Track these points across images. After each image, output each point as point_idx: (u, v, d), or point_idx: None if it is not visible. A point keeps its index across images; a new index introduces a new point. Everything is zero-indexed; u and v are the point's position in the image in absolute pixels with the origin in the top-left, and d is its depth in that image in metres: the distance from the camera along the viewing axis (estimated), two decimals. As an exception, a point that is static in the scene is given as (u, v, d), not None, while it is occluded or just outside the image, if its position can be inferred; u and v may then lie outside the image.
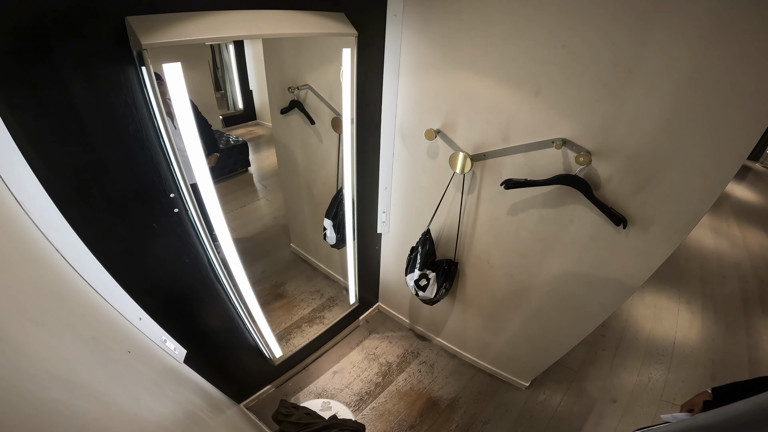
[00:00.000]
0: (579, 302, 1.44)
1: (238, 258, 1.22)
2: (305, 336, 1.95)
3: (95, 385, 0.54)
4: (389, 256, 2.11)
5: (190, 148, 0.92)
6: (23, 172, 0.67)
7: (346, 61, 1.25)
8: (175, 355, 1.09)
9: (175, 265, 1.10)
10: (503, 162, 1.34)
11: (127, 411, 0.60)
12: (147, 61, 0.75)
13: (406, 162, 1.68)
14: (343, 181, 1.60)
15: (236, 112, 2.02)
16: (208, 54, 1.68)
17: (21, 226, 0.60)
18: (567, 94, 1.10)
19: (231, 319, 1.40)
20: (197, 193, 1.01)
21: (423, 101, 1.46)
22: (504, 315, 1.74)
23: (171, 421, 0.73)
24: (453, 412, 1.86)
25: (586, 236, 1.28)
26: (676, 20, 0.87)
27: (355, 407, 1.84)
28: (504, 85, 1.21)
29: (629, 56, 0.96)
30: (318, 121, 1.66)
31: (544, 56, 1.09)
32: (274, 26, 0.98)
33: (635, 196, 1.12)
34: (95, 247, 0.82)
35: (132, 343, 0.84)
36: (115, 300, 0.85)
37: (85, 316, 0.68)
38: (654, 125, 1.00)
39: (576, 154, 1.12)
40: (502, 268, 1.59)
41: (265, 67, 1.72)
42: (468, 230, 1.62)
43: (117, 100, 0.80)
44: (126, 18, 0.74)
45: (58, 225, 0.74)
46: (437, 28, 1.28)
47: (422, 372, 2.05)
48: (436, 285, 1.66)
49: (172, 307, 1.15)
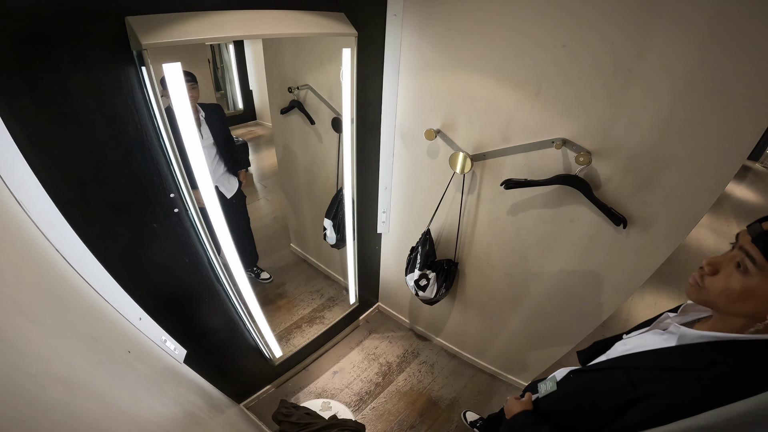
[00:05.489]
0: (579, 302, 1.44)
1: (238, 258, 1.22)
2: (305, 336, 1.95)
3: (95, 385, 0.54)
4: (389, 256, 2.11)
5: (191, 151, 0.92)
6: (23, 172, 0.67)
7: (346, 61, 1.25)
8: (175, 355, 1.09)
9: (175, 265, 1.10)
10: (503, 162, 1.34)
11: (127, 411, 0.60)
12: (147, 61, 0.75)
13: (406, 162, 1.68)
14: (343, 181, 1.60)
15: (236, 112, 2.02)
16: (208, 54, 1.68)
17: (21, 226, 0.60)
18: (567, 94, 1.10)
19: (231, 319, 1.40)
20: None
21: (423, 101, 1.46)
22: (504, 315, 1.74)
23: (171, 421, 0.73)
24: (453, 412, 1.86)
25: (586, 236, 1.28)
26: (676, 20, 0.87)
27: (355, 407, 1.84)
28: (504, 84, 1.21)
29: (629, 56, 0.96)
30: (318, 121, 1.66)
31: (545, 56, 1.09)
32: (274, 26, 0.98)
33: (635, 196, 1.12)
34: (95, 247, 0.82)
35: (132, 343, 0.84)
36: (115, 300, 0.85)
37: (85, 316, 0.68)
38: (654, 125, 1.00)
39: (576, 154, 1.12)
40: (502, 268, 1.59)
41: (265, 67, 1.72)
42: (468, 230, 1.62)
43: (117, 100, 0.80)
44: (126, 18, 0.74)
45: (58, 225, 0.74)
46: (437, 28, 1.28)
47: (422, 372, 2.05)
48: (436, 285, 1.66)
49: (172, 307, 1.15)
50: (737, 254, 0.57)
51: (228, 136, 1.74)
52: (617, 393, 0.66)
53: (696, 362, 0.59)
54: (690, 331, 0.64)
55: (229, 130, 1.75)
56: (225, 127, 1.70)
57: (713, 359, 0.58)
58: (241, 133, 2.09)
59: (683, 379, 0.59)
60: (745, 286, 0.56)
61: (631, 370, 0.68)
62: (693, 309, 0.70)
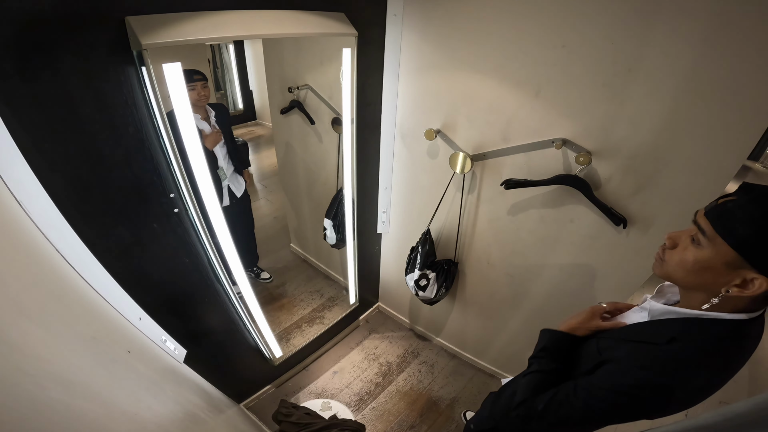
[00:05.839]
0: (579, 302, 1.44)
1: (238, 258, 1.22)
2: (305, 336, 1.95)
3: (95, 385, 0.54)
4: (389, 256, 2.11)
5: (190, 150, 0.92)
6: (23, 172, 0.67)
7: (346, 61, 1.25)
8: (175, 355, 1.09)
9: (175, 265, 1.10)
10: (503, 162, 1.34)
11: (127, 411, 0.60)
12: (147, 61, 0.75)
13: (406, 162, 1.68)
14: (343, 181, 1.60)
15: (236, 112, 2.02)
16: (208, 54, 1.68)
17: (21, 226, 0.60)
18: (567, 94, 1.10)
19: (231, 319, 1.40)
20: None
21: (423, 101, 1.46)
22: (504, 315, 1.74)
23: (171, 421, 0.73)
24: (453, 412, 1.86)
25: (586, 236, 1.28)
26: (676, 20, 0.87)
27: (355, 407, 1.84)
28: (504, 84, 1.21)
29: (629, 56, 0.96)
30: (318, 121, 1.66)
31: (545, 56, 1.09)
32: (274, 26, 0.98)
33: (635, 196, 1.12)
34: (95, 247, 0.82)
35: (132, 343, 0.84)
36: (115, 300, 0.85)
37: (85, 316, 0.68)
38: (654, 125, 1.00)
39: (576, 154, 1.12)
40: (502, 268, 1.59)
41: (265, 67, 1.72)
42: (468, 230, 1.62)
43: (117, 101, 0.80)
44: (126, 18, 0.74)
45: (58, 225, 0.74)
46: (437, 27, 1.28)
47: (422, 372, 2.05)
48: (436, 285, 1.66)
49: (172, 307, 1.15)
50: (693, 228, 0.60)
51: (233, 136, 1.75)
52: (588, 359, 0.72)
53: (657, 337, 0.63)
54: (657, 306, 0.67)
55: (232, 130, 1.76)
56: (230, 127, 1.71)
57: (672, 336, 0.60)
58: (241, 133, 2.08)
59: (643, 350, 0.63)
60: (697, 258, 0.57)
61: (600, 339, 0.74)
62: (669, 290, 0.72)
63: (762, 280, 0.51)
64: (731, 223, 0.53)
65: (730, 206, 0.54)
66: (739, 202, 0.54)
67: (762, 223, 0.50)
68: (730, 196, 0.57)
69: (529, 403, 0.74)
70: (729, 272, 0.54)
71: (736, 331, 0.57)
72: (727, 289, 0.55)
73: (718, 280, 0.56)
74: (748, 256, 0.52)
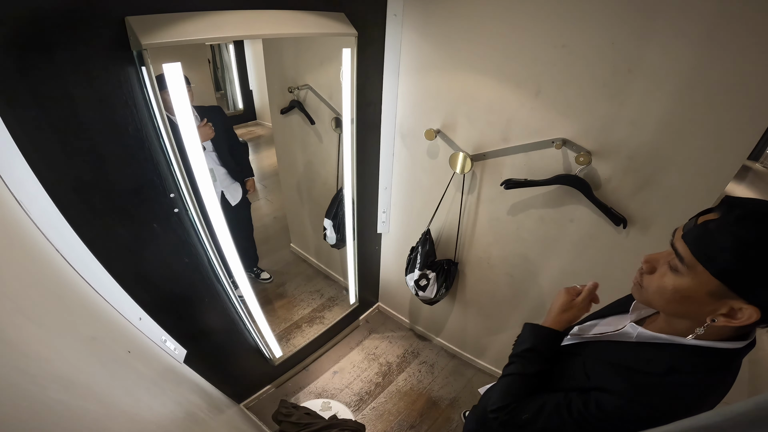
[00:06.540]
0: (579, 302, 1.44)
1: (238, 258, 1.22)
2: (305, 336, 1.95)
3: (95, 385, 0.54)
4: (389, 256, 2.11)
5: (190, 149, 0.92)
6: (23, 172, 0.67)
7: (346, 61, 1.25)
8: (175, 355, 1.09)
9: (175, 265, 1.10)
10: (503, 162, 1.34)
11: (127, 411, 0.60)
12: (147, 61, 0.76)
13: (406, 162, 1.68)
14: (343, 181, 1.60)
15: (236, 112, 2.02)
16: (208, 54, 1.68)
17: (21, 226, 0.60)
18: (567, 94, 1.10)
19: (231, 319, 1.40)
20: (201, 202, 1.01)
21: (423, 101, 1.46)
22: (504, 315, 1.74)
23: (171, 421, 0.73)
24: (453, 412, 1.86)
25: (586, 236, 1.28)
26: (676, 20, 0.87)
27: (355, 407, 1.84)
28: (504, 84, 1.21)
29: (629, 56, 0.96)
30: (318, 121, 1.66)
31: (545, 56, 1.09)
32: (274, 26, 0.98)
33: (635, 196, 1.11)
34: (95, 247, 0.82)
35: (132, 343, 0.84)
36: (115, 300, 0.85)
37: (85, 316, 0.68)
38: (654, 125, 1.00)
39: (576, 154, 1.12)
40: (502, 268, 1.59)
41: (265, 67, 1.72)
42: (468, 230, 1.62)
43: (117, 100, 0.80)
44: (126, 18, 0.74)
45: (58, 225, 0.74)
46: (437, 27, 1.28)
47: (422, 372, 2.04)
48: (436, 285, 1.66)
49: (173, 307, 1.15)
50: (671, 252, 0.54)
51: (231, 141, 1.70)
52: (573, 378, 0.67)
53: (652, 365, 0.57)
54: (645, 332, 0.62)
55: (234, 134, 1.71)
56: (227, 131, 1.66)
57: (670, 366, 0.55)
58: (241, 133, 2.08)
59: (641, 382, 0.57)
60: (676, 286, 0.52)
61: (587, 359, 0.67)
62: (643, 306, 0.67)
63: (751, 311, 0.45)
64: (711, 250, 0.47)
65: (711, 227, 0.48)
66: (720, 222, 0.47)
67: (745, 248, 0.44)
68: (710, 213, 0.50)
69: (510, 409, 0.69)
70: (713, 301, 0.48)
71: (734, 360, 0.53)
72: (712, 318, 0.50)
73: (702, 310, 0.50)
74: (732, 286, 0.46)
